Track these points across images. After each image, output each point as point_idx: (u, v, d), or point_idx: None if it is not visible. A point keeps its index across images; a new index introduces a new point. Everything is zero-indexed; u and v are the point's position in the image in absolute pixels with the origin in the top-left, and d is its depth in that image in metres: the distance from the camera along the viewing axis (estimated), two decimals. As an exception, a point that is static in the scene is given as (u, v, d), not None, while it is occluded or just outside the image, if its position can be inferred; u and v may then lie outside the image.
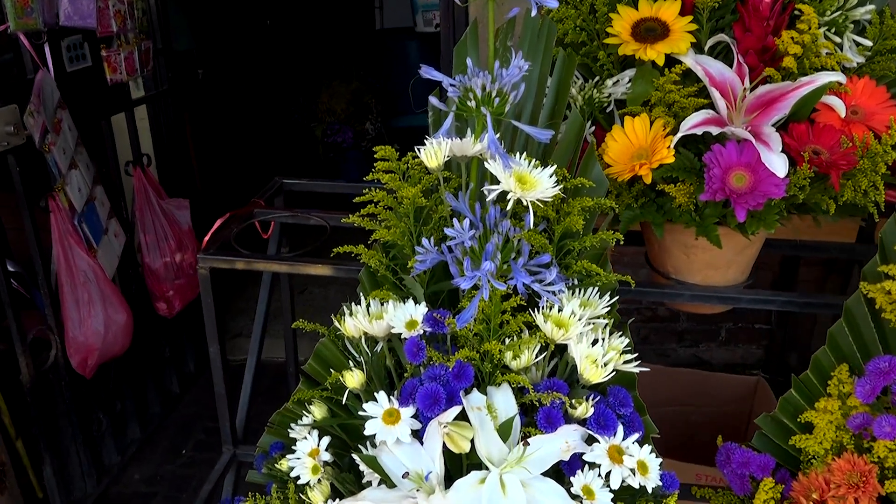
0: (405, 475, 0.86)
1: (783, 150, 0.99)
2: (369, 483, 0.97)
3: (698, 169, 1.08)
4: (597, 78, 1.16)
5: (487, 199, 0.90)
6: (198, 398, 2.93)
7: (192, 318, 2.86)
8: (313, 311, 3.44)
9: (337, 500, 0.98)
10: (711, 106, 1.06)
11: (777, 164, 0.97)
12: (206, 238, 1.31)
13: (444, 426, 0.84)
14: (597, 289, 0.99)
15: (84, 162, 2.13)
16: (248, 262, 1.24)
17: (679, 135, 1.02)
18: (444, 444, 0.91)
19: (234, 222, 1.37)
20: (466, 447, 0.87)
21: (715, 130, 1.03)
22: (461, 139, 0.93)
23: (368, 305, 1.01)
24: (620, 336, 0.98)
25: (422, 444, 0.93)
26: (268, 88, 4.94)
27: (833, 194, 1.03)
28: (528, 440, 0.90)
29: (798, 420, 1.04)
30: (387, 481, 0.92)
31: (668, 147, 1.03)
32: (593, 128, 1.15)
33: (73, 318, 2.07)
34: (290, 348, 1.80)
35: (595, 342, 0.95)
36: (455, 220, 0.89)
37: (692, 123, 1.02)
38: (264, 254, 1.26)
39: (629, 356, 0.96)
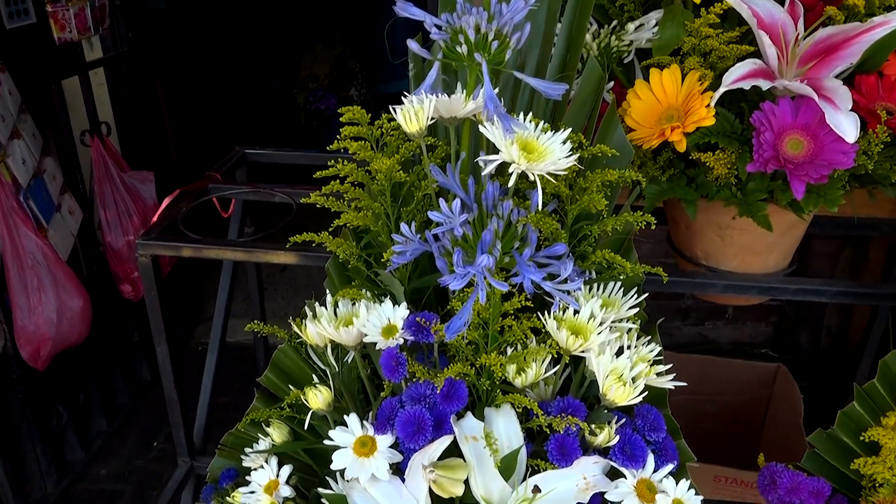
0: (381, 530, 0.67)
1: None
2: (340, 526, 0.79)
3: (740, 133, 0.88)
4: (614, 22, 0.95)
5: (483, 173, 0.69)
6: (171, 385, 2.73)
7: (165, 296, 2.65)
8: (294, 291, 3.24)
9: (300, 546, 0.80)
10: (757, 55, 0.86)
11: (846, 126, 0.78)
12: (154, 219, 1.10)
13: (430, 470, 0.65)
14: (619, 284, 0.80)
15: (29, 131, 1.90)
16: (197, 248, 1.04)
17: (721, 89, 0.82)
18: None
19: (185, 200, 1.17)
20: (459, 492, 0.68)
21: (765, 84, 0.83)
22: (449, 96, 0.72)
23: (336, 306, 0.81)
24: (649, 342, 0.79)
25: (403, 480, 0.75)
26: (247, 53, 4.67)
27: (908, 163, 0.83)
28: (538, 480, 0.71)
29: (861, 438, 0.86)
30: (360, 528, 0.74)
31: (707, 105, 0.83)
32: (611, 83, 0.94)
33: (21, 306, 1.86)
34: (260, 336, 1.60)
35: (619, 352, 0.76)
36: (442, 200, 0.69)
37: (738, 75, 0.82)
38: (218, 238, 1.06)
39: (661, 367, 0.77)
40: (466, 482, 0.70)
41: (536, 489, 0.67)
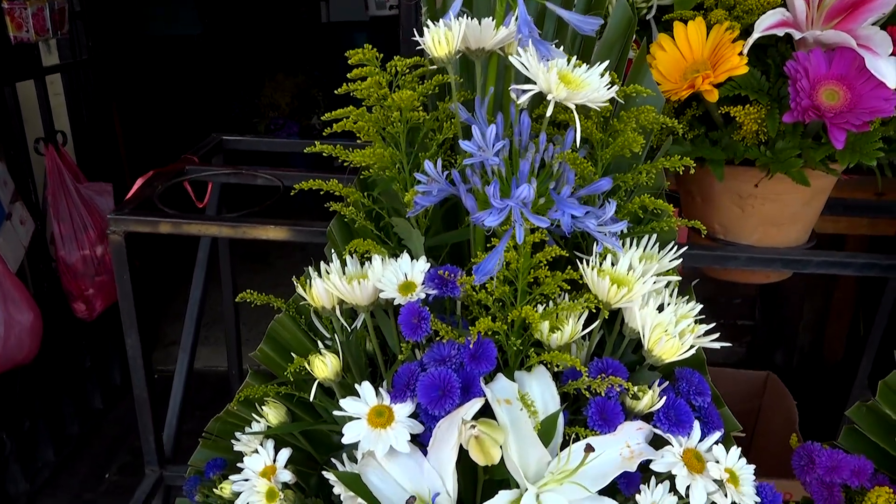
0: (411, 500, 0.58)
1: (890, 56, 0.76)
2: (348, 512, 0.69)
3: (767, 91, 0.84)
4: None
5: (520, 100, 0.63)
6: (125, 415, 2.56)
7: (117, 322, 2.49)
8: (260, 311, 3.10)
9: (301, 538, 0.70)
10: (784, 6, 0.83)
11: (887, 70, 0.74)
12: (128, 197, 1.00)
13: (472, 426, 0.56)
14: (655, 238, 0.73)
15: (-21, 133, 1.78)
16: (176, 223, 0.94)
17: (755, 35, 0.78)
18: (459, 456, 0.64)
19: (159, 180, 1.07)
20: (497, 457, 0.60)
21: (797, 34, 0.79)
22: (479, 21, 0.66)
23: (344, 264, 0.73)
24: (688, 300, 0.72)
25: (425, 454, 0.66)
26: (205, 80, 4.58)
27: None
28: (578, 447, 0.63)
29: (905, 410, 0.81)
30: (376, 509, 0.65)
31: (740, 53, 0.78)
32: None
33: (-36, 319, 1.71)
34: (234, 349, 1.49)
35: (661, 308, 0.70)
36: (475, 127, 0.62)
37: (769, 23, 0.78)
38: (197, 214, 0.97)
39: (705, 325, 0.70)
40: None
41: (590, 448, 0.59)
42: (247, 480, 0.73)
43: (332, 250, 0.76)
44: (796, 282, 2.63)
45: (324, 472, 0.70)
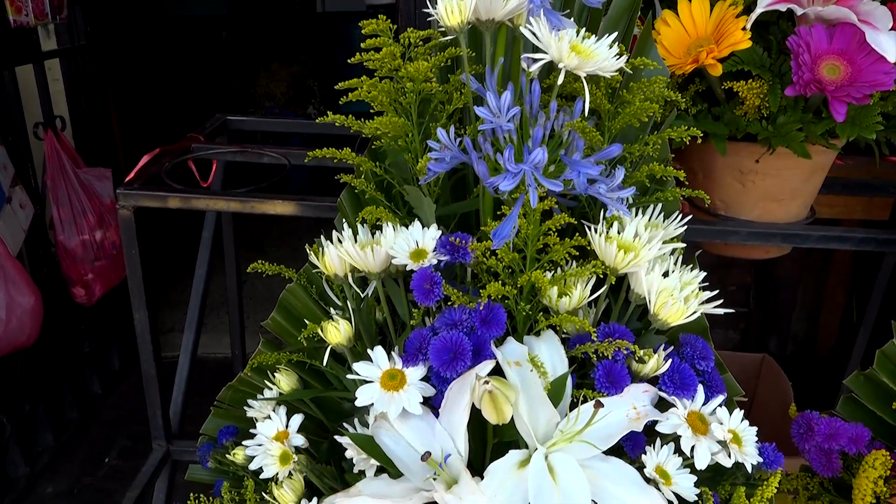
0: (426, 455, 0.60)
1: (889, 31, 0.77)
2: (361, 474, 0.71)
3: (768, 67, 0.85)
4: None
5: (532, 68, 0.64)
6: (123, 400, 2.57)
7: (116, 307, 2.51)
8: (255, 304, 3.11)
9: (315, 499, 0.71)
10: (786, -15, 0.84)
11: (887, 44, 0.76)
12: (131, 175, 1.01)
13: (486, 381, 0.58)
14: (660, 207, 0.75)
15: (-20, 116, 1.78)
16: (185, 198, 0.95)
17: (758, 11, 0.79)
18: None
19: (166, 158, 1.08)
20: (509, 414, 0.61)
21: (798, 10, 0.81)
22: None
23: (355, 233, 0.74)
24: (692, 269, 0.74)
25: (436, 417, 0.67)
26: (201, 70, 4.57)
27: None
28: (586, 409, 0.64)
29: (902, 378, 0.83)
30: (389, 469, 0.66)
31: (743, 28, 0.80)
32: (635, 16, 0.91)
33: (-35, 301, 1.72)
34: (237, 330, 1.50)
35: (665, 274, 0.71)
36: (489, 93, 0.63)
37: (772, -2, 0.80)
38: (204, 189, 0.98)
39: (708, 293, 0.72)
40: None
41: (599, 403, 0.60)
42: (260, 445, 0.74)
43: (344, 220, 0.77)
44: (790, 269, 2.66)
45: (336, 437, 0.72)
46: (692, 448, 0.66)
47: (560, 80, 0.64)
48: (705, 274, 0.73)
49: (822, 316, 2.69)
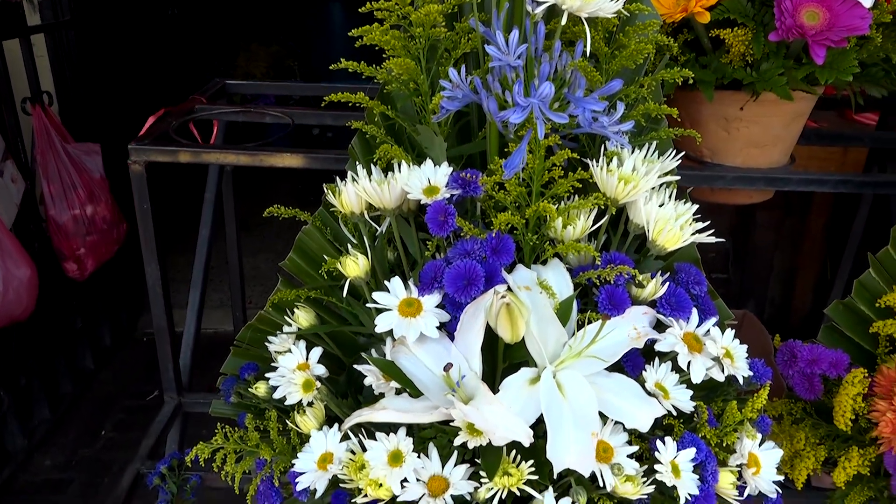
0: (448, 366, 0.64)
1: (864, -21, 0.83)
2: (380, 398, 0.75)
3: (752, 16, 0.90)
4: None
5: (537, 11, 0.69)
6: (116, 375, 2.59)
7: (107, 284, 2.52)
8: (253, 276, 3.14)
9: (336, 424, 0.76)
10: (768, -62, 0.89)
11: (862, -10, 0.81)
12: (142, 132, 1.04)
13: (502, 295, 0.63)
14: (654, 145, 0.80)
15: (-30, 89, 1.79)
16: (195, 152, 0.98)
17: (743, -39, 0.84)
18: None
19: (171, 118, 1.11)
20: (522, 330, 0.66)
21: (780, -40, 0.86)
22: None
23: (370, 173, 0.79)
24: (686, 202, 0.79)
25: (451, 341, 0.72)
26: (179, 50, 4.54)
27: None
28: (591, 328, 0.69)
29: (877, 305, 0.89)
30: (409, 390, 0.71)
31: (729, -23, 0.85)
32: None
33: (-37, 273, 1.73)
34: (237, 288, 1.54)
35: (661, 206, 0.77)
36: (499, 33, 0.67)
37: (756, -51, 0.85)
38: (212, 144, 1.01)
39: (700, 224, 0.77)
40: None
41: (606, 316, 0.65)
42: (283, 376, 0.78)
43: (357, 163, 0.81)
44: (767, 236, 2.74)
45: (356, 367, 0.76)
46: (688, 364, 0.71)
47: (563, 21, 0.69)
48: (697, 206, 0.78)
49: (798, 280, 2.78)
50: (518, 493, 0.65)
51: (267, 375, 0.80)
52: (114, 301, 2.64)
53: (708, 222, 0.78)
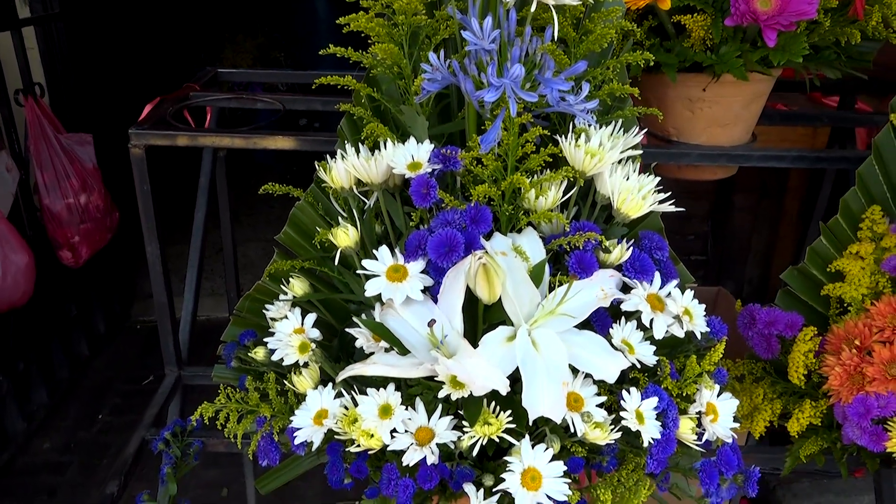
0: (432, 322, 0.71)
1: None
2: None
3: (711, 3, 0.97)
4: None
5: (505, 1, 0.75)
6: (110, 362, 2.65)
7: (101, 273, 2.58)
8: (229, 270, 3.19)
9: (330, 384, 0.83)
10: (725, -70, 0.96)
11: (810, -22, 0.88)
12: (141, 118, 1.10)
13: (480, 257, 0.70)
14: (620, 123, 0.87)
15: (-36, 80, 1.83)
16: (192, 136, 1.04)
17: (700, -49, 0.91)
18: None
19: (167, 105, 1.17)
20: (498, 291, 0.73)
21: (735, -49, 0.92)
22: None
23: (358, 151, 0.85)
24: (649, 175, 0.86)
25: (434, 303, 0.79)
26: (166, 42, 4.56)
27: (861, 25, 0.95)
28: (562, 289, 0.76)
29: (828, 270, 0.96)
30: (397, 348, 0.78)
31: (688, -33, 0.91)
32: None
33: (-38, 260, 1.78)
34: (231, 270, 1.60)
35: (626, 179, 0.83)
36: (474, 19, 0.74)
37: (713, -60, 0.91)
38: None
39: (662, 195, 0.84)
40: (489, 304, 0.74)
41: (574, 276, 0.72)
42: (280, 340, 0.85)
43: (346, 143, 0.88)
44: (745, 219, 2.82)
45: (348, 329, 0.82)
46: (651, 322, 0.78)
47: (533, 8, 0.75)
48: (659, 179, 0.85)
49: (775, 260, 2.86)
50: (497, 441, 0.72)
51: (265, 340, 0.86)
52: (107, 289, 2.69)
53: (669, 193, 0.85)
